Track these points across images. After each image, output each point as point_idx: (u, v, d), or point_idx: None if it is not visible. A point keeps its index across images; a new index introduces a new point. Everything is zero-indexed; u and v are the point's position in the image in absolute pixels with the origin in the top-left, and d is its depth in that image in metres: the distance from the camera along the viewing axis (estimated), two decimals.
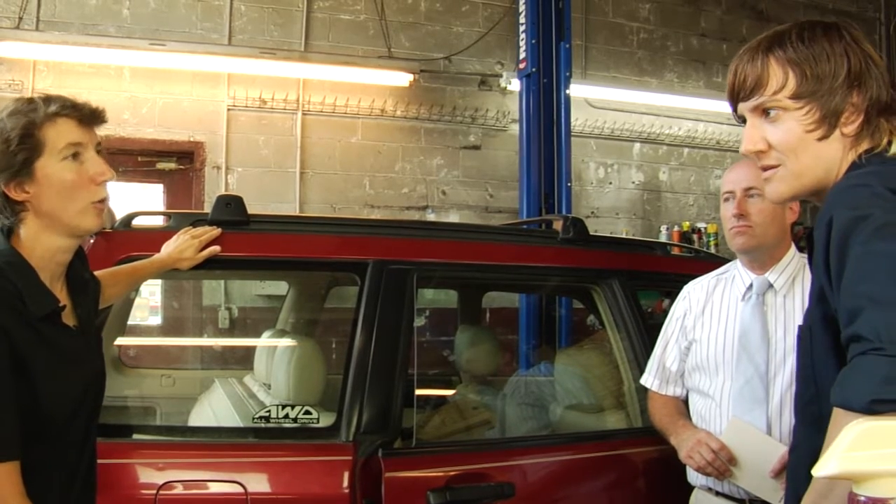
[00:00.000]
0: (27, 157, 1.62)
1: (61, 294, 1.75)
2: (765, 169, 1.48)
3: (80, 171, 1.68)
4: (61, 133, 1.66)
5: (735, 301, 2.43)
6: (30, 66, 5.34)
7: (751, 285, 2.40)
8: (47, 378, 1.61)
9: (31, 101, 1.68)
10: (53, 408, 1.64)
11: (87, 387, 1.77)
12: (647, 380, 2.64)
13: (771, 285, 2.37)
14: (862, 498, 0.91)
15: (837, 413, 1.18)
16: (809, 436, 1.48)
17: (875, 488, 0.91)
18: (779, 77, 1.43)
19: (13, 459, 1.53)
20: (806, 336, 1.48)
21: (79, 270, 1.84)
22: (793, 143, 1.43)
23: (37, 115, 1.64)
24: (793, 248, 2.42)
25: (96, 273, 2.03)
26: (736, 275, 2.47)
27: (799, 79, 1.42)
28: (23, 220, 1.67)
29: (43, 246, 1.69)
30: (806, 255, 2.28)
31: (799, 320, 2.26)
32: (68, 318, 1.75)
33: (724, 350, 2.39)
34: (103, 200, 1.73)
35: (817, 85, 1.41)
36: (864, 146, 1.42)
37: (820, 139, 1.42)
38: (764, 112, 1.46)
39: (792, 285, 2.35)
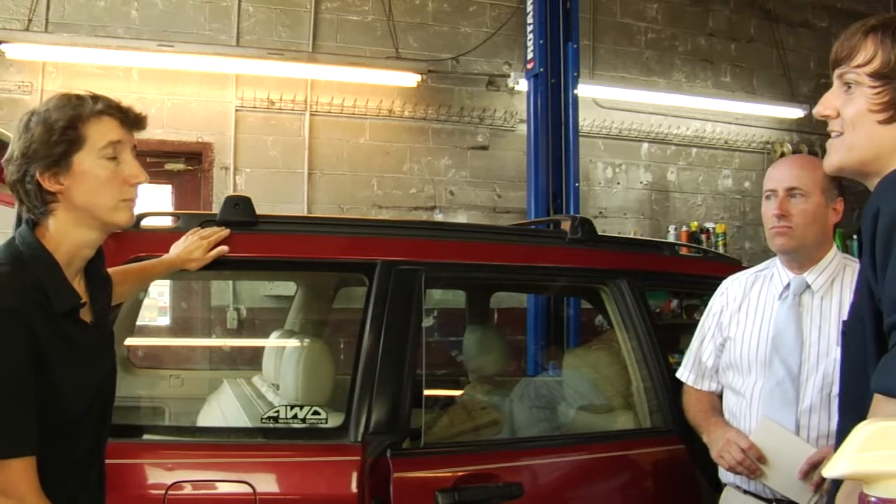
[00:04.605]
0: (67, 149, 1.66)
1: (80, 289, 1.76)
2: (830, 135, 1.54)
3: (115, 170, 1.72)
4: (103, 131, 1.70)
5: (772, 300, 2.41)
6: (39, 68, 5.37)
7: (788, 285, 2.37)
8: (64, 372, 1.62)
9: (79, 97, 1.71)
10: (68, 402, 1.65)
11: (100, 382, 1.79)
12: (683, 374, 2.63)
13: (808, 286, 2.34)
14: (873, 499, 0.91)
15: (878, 400, 1.21)
16: None
17: (886, 489, 0.91)
18: (868, 53, 1.47)
19: (30, 455, 1.54)
20: (857, 330, 1.47)
21: (97, 266, 1.85)
22: (854, 117, 1.48)
23: (83, 109, 1.69)
24: (834, 249, 2.39)
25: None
26: (774, 273, 2.45)
27: (885, 60, 1.45)
28: (52, 212, 1.69)
29: (70, 240, 1.70)
30: (846, 257, 2.29)
31: (835, 323, 2.24)
32: (85, 314, 1.77)
33: (757, 349, 2.37)
34: (132, 199, 1.77)
35: None
36: None
37: (881, 122, 1.45)
38: (847, 84, 1.50)
39: (830, 287, 2.32)
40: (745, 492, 2.36)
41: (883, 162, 1.45)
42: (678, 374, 2.67)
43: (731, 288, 2.57)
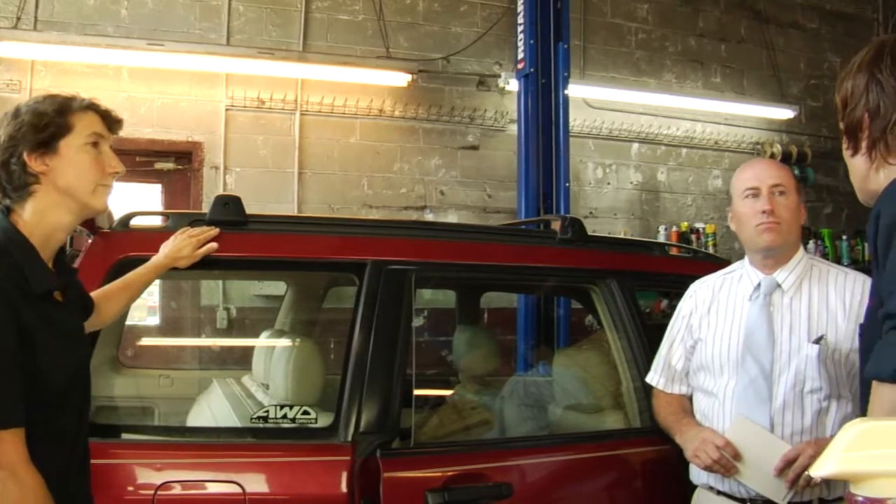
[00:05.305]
0: (55, 132, 1.81)
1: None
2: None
3: (97, 158, 1.87)
4: (88, 122, 1.86)
5: (741, 300, 2.43)
6: (28, 66, 5.34)
7: (758, 285, 2.40)
8: (46, 350, 1.70)
9: (65, 95, 1.89)
10: (51, 379, 1.72)
11: (78, 360, 1.87)
12: (653, 378, 2.64)
13: (779, 285, 2.37)
14: (860, 498, 0.92)
15: (874, 387, 1.26)
16: None
17: (873, 488, 0.91)
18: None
19: (19, 426, 1.62)
20: (872, 330, 1.50)
21: (62, 258, 1.94)
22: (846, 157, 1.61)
23: (71, 103, 1.86)
24: (801, 249, 2.43)
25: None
26: (743, 274, 2.47)
27: (840, 103, 1.60)
28: (33, 194, 1.80)
29: (46, 222, 1.81)
30: (813, 258, 2.37)
31: (805, 321, 2.28)
32: (58, 297, 1.85)
33: (728, 349, 2.39)
34: (110, 186, 1.92)
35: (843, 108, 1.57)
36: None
37: (850, 156, 1.57)
38: None
39: (799, 287, 2.35)
40: (719, 492, 2.37)
41: (869, 187, 1.54)
42: (648, 379, 2.68)
43: (699, 291, 2.59)
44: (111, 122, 1.93)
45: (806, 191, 7.45)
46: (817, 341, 2.25)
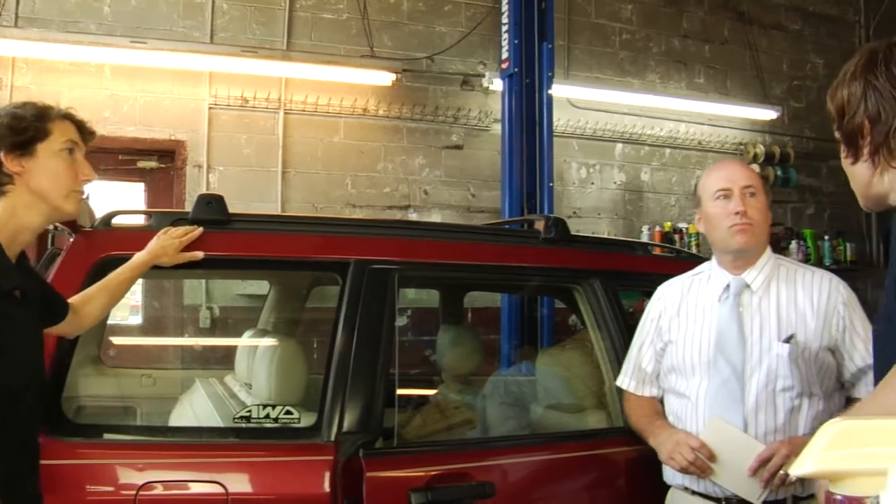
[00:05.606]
0: (34, 135, 1.88)
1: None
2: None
3: (72, 165, 1.94)
4: (65, 130, 1.95)
5: (711, 301, 2.44)
6: (9, 64, 5.29)
7: (728, 286, 2.41)
8: (8, 347, 1.72)
9: (45, 103, 1.98)
10: (12, 375, 1.74)
11: (34, 360, 1.90)
12: (623, 381, 2.65)
13: (748, 286, 2.38)
14: (838, 497, 0.92)
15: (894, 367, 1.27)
16: None
17: (851, 487, 0.91)
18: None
19: None
20: (887, 330, 1.51)
21: (23, 261, 1.97)
22: (844, 166, 1.60)
23: (50, 111, 1.95)
24: (768, 250, 2.45)
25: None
26: (711, 275, 2.49)
27: (835, 112, 1.57)
28: (5, 194, 1.85)
29: (16, 222, 1.86)
30: (779, 257, 2.40)
31: (774, 321, 2.31)
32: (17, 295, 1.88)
33: (699, 351, 2.40)
34: (82, 192, 2.00)
35: (840, 118, 1.55)
36: None
37: (851, 164, 1.56)
38: None
39: (768, 287, 2.37)
40: (694, 493, 2.37)
41: (874, 194, 1.54)
42: (618, 382, 2.69)
43: (667, 293, 2.60)
44: (86, 132, 2.01)
45: (789, 191, 7.51)
46: (787, 340, 2.27)
